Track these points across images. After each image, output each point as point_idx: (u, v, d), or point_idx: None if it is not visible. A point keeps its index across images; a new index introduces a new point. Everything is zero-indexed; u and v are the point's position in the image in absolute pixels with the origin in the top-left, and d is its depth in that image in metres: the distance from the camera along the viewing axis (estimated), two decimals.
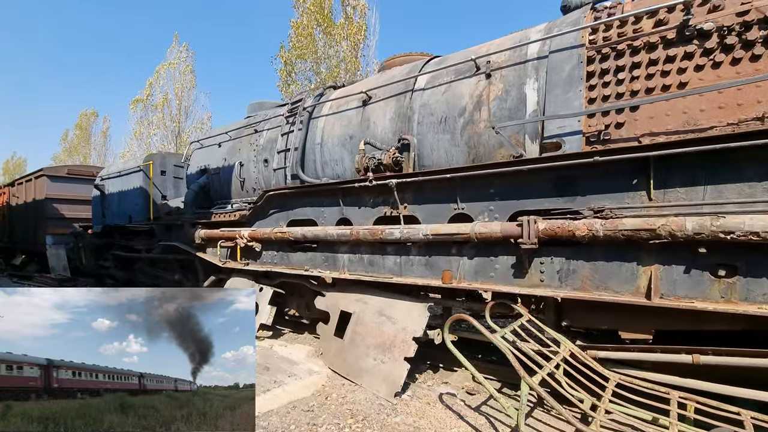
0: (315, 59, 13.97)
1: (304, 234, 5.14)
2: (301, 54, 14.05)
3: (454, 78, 4.37)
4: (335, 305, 5.04)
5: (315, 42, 13.93)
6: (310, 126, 5.75)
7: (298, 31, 14.14)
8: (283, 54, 14.61)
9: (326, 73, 14.01)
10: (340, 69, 13.87)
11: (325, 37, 14.03)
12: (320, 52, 13.96)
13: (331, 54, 14.00)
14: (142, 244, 9.34)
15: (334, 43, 13.98)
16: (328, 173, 5.47)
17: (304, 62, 14.18)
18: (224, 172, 7.10)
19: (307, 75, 14.34)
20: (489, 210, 3.79)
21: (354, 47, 14.03)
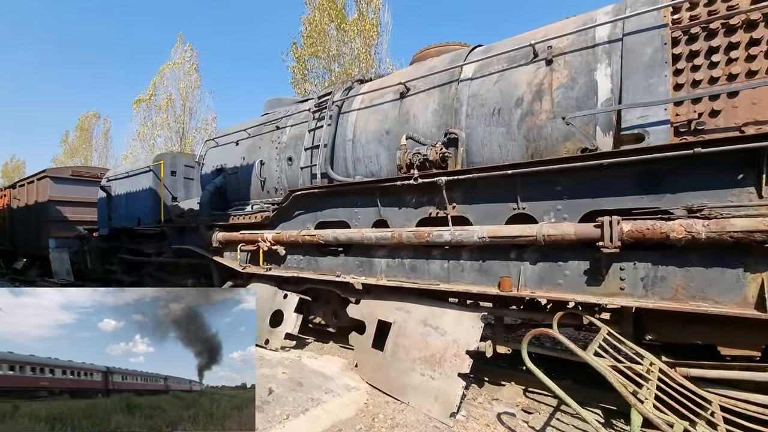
0: (328, 56, 13.60)
1: (337, 237, 4.75)
2: (314, 51, 13.68)
3: (507, 66, 4.00)
4: (371, 314, 4.65)
5: (328, 39, 13.56)
6: (339, 121, 5.37)
7: (311, 27, 13.77)
8: (295, 51, 14.24)
9: (340, 70, 13.64)
10: (354, 66, 13.49)
11: (338, 33, 13.67)
12: (333, 49, 13.59)
13: (344, 51, 13.63)
14: (151, 247, 8.94)
15: (348, 40, 13.62)
16: (361, 171, 5.09)
17: (317, 59, 13.81)
18: (242, 171, 6.71)
19: (320, 72, 14.02)
20: (556, 210, 3.41)
21: (368, 45, 13.67)
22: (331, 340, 6.13)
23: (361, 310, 4.79)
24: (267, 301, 5.81)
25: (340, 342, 6.02)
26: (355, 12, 13.65)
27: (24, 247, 14.98)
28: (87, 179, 14.01)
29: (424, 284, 4.17)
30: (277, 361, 4.96)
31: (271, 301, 5.77)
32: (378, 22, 13.88)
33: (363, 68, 13.43)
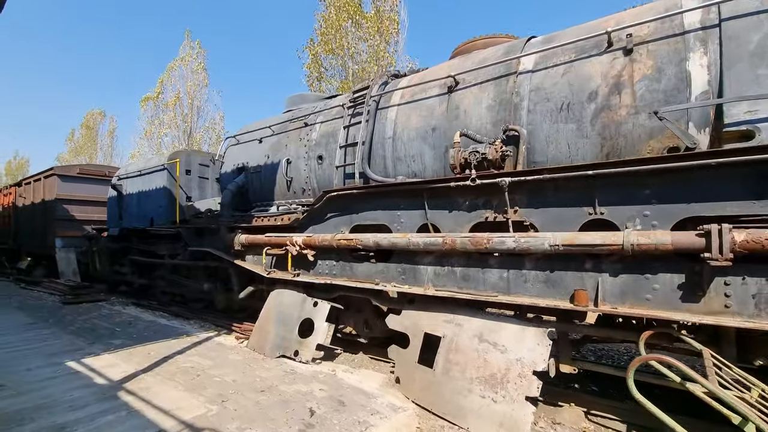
0: (345, 54, 13.20)
1: (378, 242, 4.38)
2: (330, 48, 13.31)
3: (576, 56, 3.64)
4: (416, 326, 4.28)
5: (346, 35, 13.16)
6: (377, 118, 5.01)
7: (326, 23, 13.38)
8: (311, 47, 13.86)
9: (358, 68, 13.26)
10: (374, 64, 13.13)
11: (355, 30, 13.31)
12: (351, 46, 13.21)
13: (362, 48, 13.27)
14: (165, 249, 8.58)
15: (368, 36, 13.24)
16: (402, 171, 4.72)
17: (333, 57, 13.43)
18: (266, 170, 6.35)
19: (336, 70, 13.64)
20: (643, 216, 3.04)
21: (387, 42, 13.30)
22: (361, 351, 5.76)
23: (403, 321, 4.41)
24: (294, 309, 5.44)
25: (372, 353, 5.65)
26: (371, 9, 13.31)
27: (29, 247, 14.63)
28: (95, 178, 13.67)
29: (479, 295, 3.79)
30: (310, 375, 4.59)
31: (298, 308, 5.41)
32: (397, 19, 13.54)
33: (382, 66, 13.08)
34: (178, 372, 4.63)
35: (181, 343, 5.87)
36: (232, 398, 3.91)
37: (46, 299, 9.76)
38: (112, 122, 31.50)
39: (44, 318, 7.55)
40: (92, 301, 9.35)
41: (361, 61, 13.42)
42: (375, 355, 5.61)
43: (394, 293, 4.90)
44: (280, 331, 5.43)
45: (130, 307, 8.82)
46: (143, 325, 7.00)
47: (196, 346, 5.70)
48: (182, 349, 5.52)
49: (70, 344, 5.77)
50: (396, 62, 13.49)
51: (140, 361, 5.02)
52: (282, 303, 5.65)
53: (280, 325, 5.48)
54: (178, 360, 5.07)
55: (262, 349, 5.45)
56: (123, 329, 6.69)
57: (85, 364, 4.89)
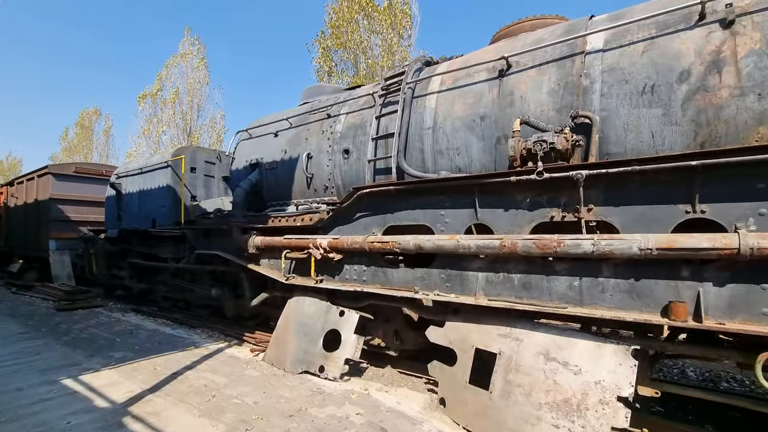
0: (357, 47, 12.70)
1: (420, 245, 3.88)
2: (341, 42, 12.80)
3: (658, 32, 3.16)
4: (464, 340, 3.77)
5: (358, 28, 12.66)
6: (413, 107, 4.52)
7: (337, 16, 12.86)
8: (322, 40, 13.33)
9: (371, 62, 12.76)
10: (387, 58, 12.63)
11: (367, 23, 12.80)
12: (364, 40, 12.70)
13: (374, 42, 12.75)
14: (168, 251, 8.02)
15: (381, 30, 12.75)
16: (444, 165, 4.23)
17: (343, 50, 12.92)
18: (283, 166, 5.83)
19: (348, 65, 13.12)
20: (758, 215, 2.56)
21: (401, 35, 12.82)
22: (389, 364, 5.24)
23: (448, 335, 3.90)
24: (317, 319, 4.92)
25: (401, 367, 5.12)
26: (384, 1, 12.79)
27: (21, 249, 13.97)
28: (92, 177, 13.06)
29: (544, 307, 3.29)
30: (341, 395, 4.06)
31: (322, 318, 4.89)
32: (410, 12, 13.08)
33: (397, 60, 12.59)
34: (191, 392, 4.09)
35: (189, 356, 5.32)
36: (257, 426, 3.38)
37: (39, 305, 9.14)
38: (107, 121, 30.80)
39: (36, 327, 6.96)
40: (88, 308, 8.75)
41: (373, 55, 12.94)
42: (405, 369, 5.08)
43: (428, 302, 4.40)
44: (301, 343, 4.90)
45: (130, 314, 8.23)
46: (146, 335, 6.43)
47: (207, 360, 5.15)
48: (192, 364, 4.97)
49: (66, 358, 5.20)
50: (410, 56, 13.01)
51: (146, 378, 4.47)
52: (302, 312, 5.12)
53: (301, 336, 4.95)
54: (188, 377, 4.53)
55: (282, 363, 4.92)
56: (124, 340, 6.13)
57: (83, 382, 4.33)
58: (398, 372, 5.09)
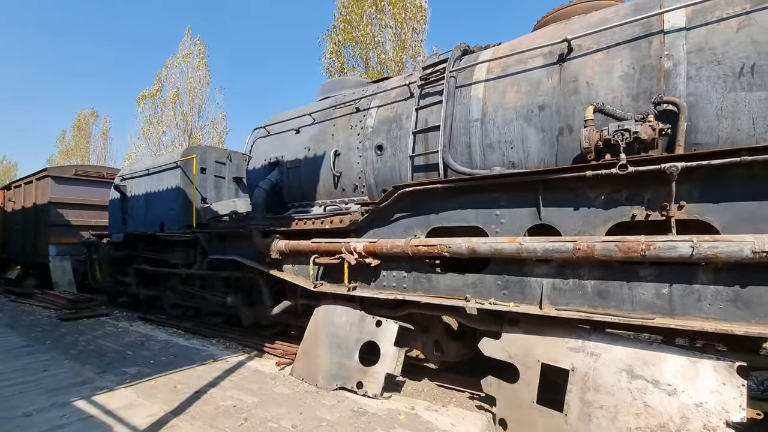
0: (371, 42, 12.28)
1: (474, 248, 3.50)
2: (352, 36, 12.39)
3: (754, 6, 2.80)
4: (527, 355, 3.39)
5: (370, 22, 12.25)
6: (457, 98, 4.14)
7: (347, 10, 12.44)
8: (333, 35, 12.89)
9: (385, 57, 12.36)
10: (401, 53, 12.24)
11: (379, 17, 12.38)
12: (376, 34, 12.30)
13: (389, 37, 12.35)
14: (178, 257, 7.59)
15: (395, 24, 12.34)
16: (495, 160, 3.85)
17: (354, 46, 12.50)
18: (307, 165, 5.44)
19: (356, 61, 12.71)
20: None
21: (415, 30, 12.42)
22: (426, 377, 4.85)
23: (507, 348, 3.52)
24: (351, 329, 4.53)
25: (440, 380, 4.73)
26: None
27: (19, 255, 13.49)
28: (92, 179, 12.61)
29: (627, 318, 2.92)
30: (387, 416, 3.67)
31: (356, 329, 4.50)
32: (423, 6, 12.67)
33: (410, 55, 12.22)
34: (219, 414, 3.69)
35: (210, 370, 4.91)
36: None
37: (41, 314, 8.69)
38: (105, 123, 30.22)
39: (40, 339, 6.52)
40: (93, 317, 8.31)
41: (385, 50, 12.52)
42: (444, 382, 4.70)
43: (472, 310, 4.03)
44: (334, 356, 4.50)
45: (138, 323, 7.80)
46: (158, 347, 6.02)
47: (230, 375, 4.75)
48: (215, 380, 4.57)
49: (76, 374, 4.78)
50: (424, 51, 12.65)
51: (166, 397, 4.06)
52: (333, 322, 4.72)
53: (333, 349, 4.55)
54: (213, 396, 4.12)
55: (314, 378, 4.52)
56: (135, 352, 5.71)
57: (98, 404, 3.92)
58: (436, 385, 4.71)
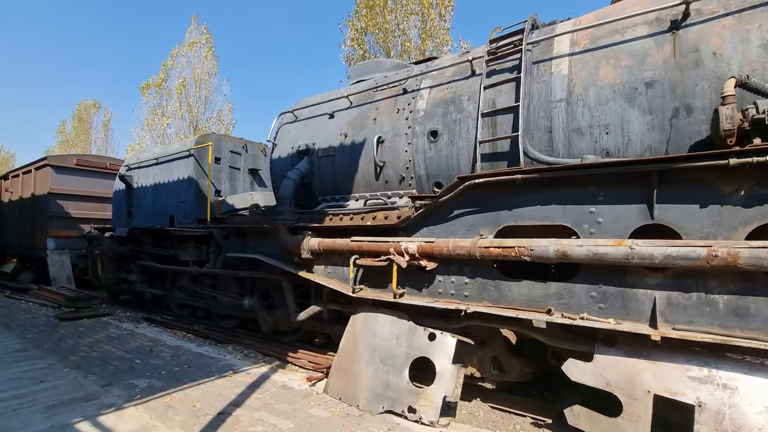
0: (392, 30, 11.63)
1: (565, 252, 2.89)
2: (375, 23, 11.76)
3: None
4: (632, 383, 2.79)
5: (395, 8, 11.61)
6: (534, 75, 3.54)
7: None
8: (355, 21, 12.23)
9: (409, 44, 11.72)
10: (427, 41, 11.62)
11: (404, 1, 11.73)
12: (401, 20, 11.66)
13: (413, 23, 11.75)
14: (189, 254, 6.98)
15: (421, 10, 11.71)
16: (585, 147, 3.25)
17: (378, 32, 11.86)
18: (343, 153, 4.83)
19: (377, 49, 12.03)
20: None
21: (442, 17, 11.80)
22: (478, 397, 4.25)
23: (603, 373, 2.92)
24: (397, 342, 3.93)
25: (494, 401, 4.13)
26: None
27: (15, 248, 12.85)
28: (94, 170, 11.98)
29: None
30: None
31: (404, 342, 3.89)
32: None
33: (438, 44, 11.60)
34: None
35: (231, 385, 4.29)
36: None
37: (37, 312, 8.06)
38: (106, 114, 29.48)
39: (37, 341, 5.90)
40: (94, 316, 7.68)
41: (407, 39, 11.88)
42: (498, 404, 4.10)
43: (541, 323, 3.43)
44: (378, 373, 3.90)
45: (143, 325, 7.18)
46: (168, 354, 5.40)
47: (256, 392, 4.13)
48: (238, 398, 3.95)
49: (78, 387, 4.16)
50: (451, 40, 12.05)
51: (186, 420, 3.45)
52: (375, 333, 4.12)
53: (376, 364, 3.94)
54: (240, 419, 3.51)
55: (354, 398, 3.91)
56: (144, 360, 5.09)
57: (105, 427, 3.30)
58: (489, 407, 4.12)
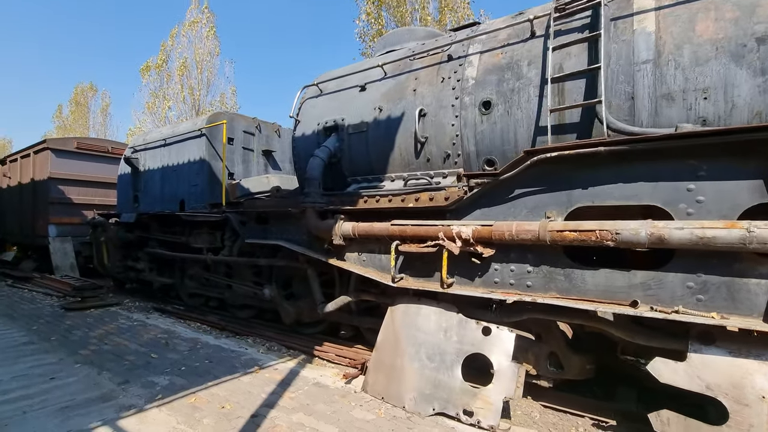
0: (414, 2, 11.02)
1: (661, 235, 2.49)
2: None
3: None
4: (739, 386, 2.41)
5: None
6: (612, 34, 3.09)
7: None
8: None
9: (429, 19, 11.11)
10: (446, 16, 11.02)
11: None
12: None
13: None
14: (202, 240, 6.58)
15: None
16: (676, 115, 2.82)
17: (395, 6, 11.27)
18: (377, 129, 4.38)
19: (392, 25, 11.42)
20: None
21: None
22: (529, 395, 3.89)
23: (701, 374, 2.54)
24: (446, 337, 3.55)
25: (547, 400, 3.78)
26: None
27: (15, 235, 12.45)
28: (95, 153, 11.50)
29: None
30: None
31: (454, 336, 3.51)
32: None
33: (458, 18, 11.00)
34: None
35: (259, 382, 3.93)
36: None
37: (42, 302, 7.68)
38: (104, 98, 28.71)
39: (44, 333, 5.53)
40: (102, 306, 7.31)
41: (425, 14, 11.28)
42: (551, 402, 3.75)
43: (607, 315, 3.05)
44: (425, 370, 3.53)
45: (155, 315, 6.81)
46: (186, 347, 5.03)
47: (287, 390, 3.77)
48: (270, 398, 3.59)
49: (92, 386, 3.79)
50: (472, 14, 11.43)
51: (216, 424, 3.09)
52: (419, 327, 3.73)
53: (422, 361, 3.57)
54: (277, 423, 3.14)
55: (398, 398, 3.55)
56: (161, 354, 4.72)
57: None
58: (542, 406, 3.76)
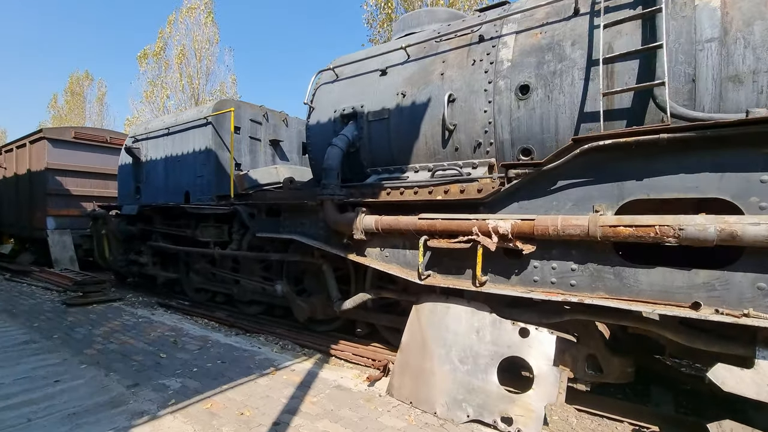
0: None
1: (734, 231, 2.25)
2: None
3: None
4: None
5: None
6: (670, 9, 2.81)
7: None
8: None
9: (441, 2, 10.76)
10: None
11: None
12: None
13: None
14: (209, 234, 6.32)
15: None
16: (743, 99, 2.56)
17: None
18: (401, 116, 4.11)
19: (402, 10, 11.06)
20: None
21: None
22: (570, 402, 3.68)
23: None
24: (479, 338, 3.32)
25: (581, 403, 3.57)
26: None
27: (13, 227, 12.15)
28: (94, 143, 11.16)
29: None
30: None
31: (488, 337, 3.29)
32: None
33: (473, 2, 10.66)
34: None
35: (277, 385, 3.70)
36: None
37: (42, 297, 7.43)
38: (100, 87, 28.12)
39: (45, 331, 5.28)
40: (105, 302, 7.06)
41: None
42: (585, 406, 3.54)
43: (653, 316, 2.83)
44: (457, 374, 3.31)
45: (160, 312, 6.57)
46: (196, 346, 4.80)
47: (308, 394, 3.55)
48: (291, 402, 3.36)
49: (100, 389, 3.56)
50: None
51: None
52: (448, 327, 3.51)
53: (454, 364, 3.35)
54: (302, 431, 2.92)
55: (429, 403, 3.33)
56: (170, 354, 4.49)
57: None
58: (576, 410, 3.55)
